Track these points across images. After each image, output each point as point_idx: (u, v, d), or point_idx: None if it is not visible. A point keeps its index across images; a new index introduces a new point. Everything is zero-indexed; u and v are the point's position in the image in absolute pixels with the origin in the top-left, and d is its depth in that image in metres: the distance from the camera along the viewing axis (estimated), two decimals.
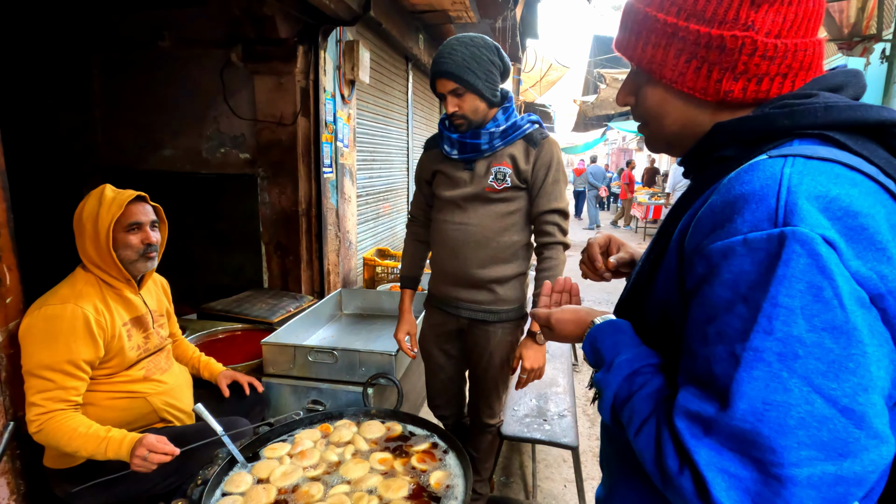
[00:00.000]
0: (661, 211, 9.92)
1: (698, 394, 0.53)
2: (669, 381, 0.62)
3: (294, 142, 2.91)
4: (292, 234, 3.04)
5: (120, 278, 1.49)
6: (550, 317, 0.81)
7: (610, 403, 0.66)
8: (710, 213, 0.56)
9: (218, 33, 2.87)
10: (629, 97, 0.73)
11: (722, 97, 0.62)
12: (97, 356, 1.41)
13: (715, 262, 0.53)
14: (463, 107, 1.53)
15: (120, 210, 1.44)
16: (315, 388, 1.89)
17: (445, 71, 1.49)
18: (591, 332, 0.73)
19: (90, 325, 1.38)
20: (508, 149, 1.59)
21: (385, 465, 1.34)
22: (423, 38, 4.82)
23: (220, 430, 1.41)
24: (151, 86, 3.08)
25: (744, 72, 0.60)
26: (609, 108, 8.73)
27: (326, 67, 2.98)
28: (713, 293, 0.53)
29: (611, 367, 0.66)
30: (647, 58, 0.66)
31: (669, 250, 0.64)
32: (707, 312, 0.54)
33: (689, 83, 0.63)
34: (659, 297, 0.66)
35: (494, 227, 1.61)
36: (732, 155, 0.62)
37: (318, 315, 2.46)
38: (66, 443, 1.31)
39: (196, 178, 3.13)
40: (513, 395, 2.14)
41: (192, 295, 2.97)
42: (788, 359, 0.48)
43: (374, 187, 4.27)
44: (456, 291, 1.68)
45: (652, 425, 0.58)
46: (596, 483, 2.29)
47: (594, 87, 11.00)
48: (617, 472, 0.78)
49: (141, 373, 1.52)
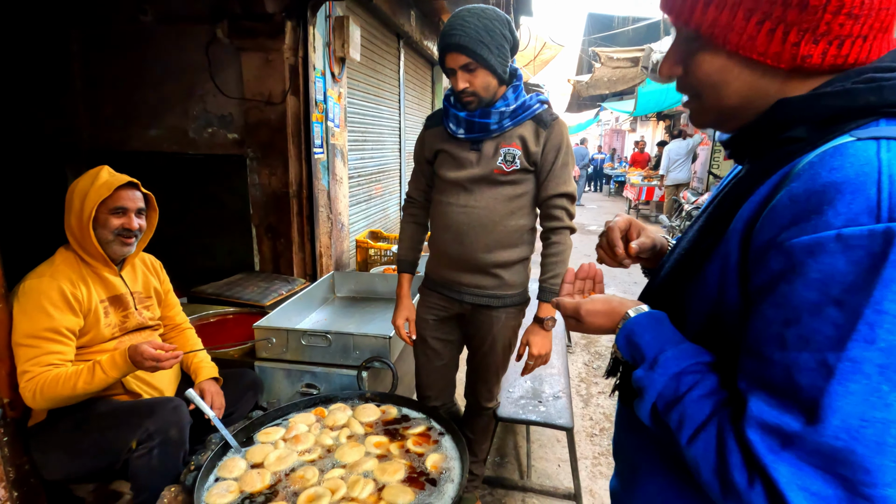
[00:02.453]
0: (653, 192, 9.92)
1: (776, 404, 0.49)
2: (722, 381, 0.58)
3: (283, 121, 2.83)
4: (283, 216, 2.99)
5: (97, 257, 1.50)
6: (580, 308, 0.74)
7: (651, 404, 0.61)
8: (789, 202, 0.50)
9: (202, 7, 2.76)
10: (676, 67, 0.65)
11: (798, 63, 0.55)
12: (78, 324, 1.43)
13: (798, 258, 0.48)
14: (474, 83, 1.45)
15: (108, 192, 1.46)
16: (308, 371, 1.87)
17: (458, 44, 1.40)
18: (628, 326, 0.67)
19: (66, 297, 1.41)
20: (518, 129, 1.52)
21: (381, 448, 1.34)
22: (414, 14, 4.70)
23: (211, 414, 1.39)
24: (134, 63, 2.97)
25: (826, 33, 0.53)
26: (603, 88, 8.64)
27: (316, 44, 2.89)
28: (795, 293, 0.48)
29: (654, 364, 0.61)
30: (709, 20, 0.58)
31: (727, 241, 0.58)
32: (786, 314, 0.49)
33: (759, 48, 0.56)
34: (709, 291, 0.61)
35: (501, 210, 1.55)
36: (803, 136, 0.56)
37: (311, 298, 2.43)
38: (62, 386, 1.33)
39: (183, 158, 3.05)
40: (507, 377, 2.14)
41: (181, 278, 2.90)
42: (891, 371, 0.44)
43: (366, 168, 4.21)
44: (458, 276, 1.63)
45: (711, 433, 0.54)
46: (589, 462, 2.32)
47: (588, 66, 10.86)
48: (643, 466, 0.74)
49: (112, 344, 1.52)
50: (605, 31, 9.67)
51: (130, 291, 1.59)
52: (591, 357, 3.52)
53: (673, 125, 11.82)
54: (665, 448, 0.68)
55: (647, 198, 10.12)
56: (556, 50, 9.02)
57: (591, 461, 2.33)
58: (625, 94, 10.41)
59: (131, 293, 1.59)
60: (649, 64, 6.01)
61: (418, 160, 1.72)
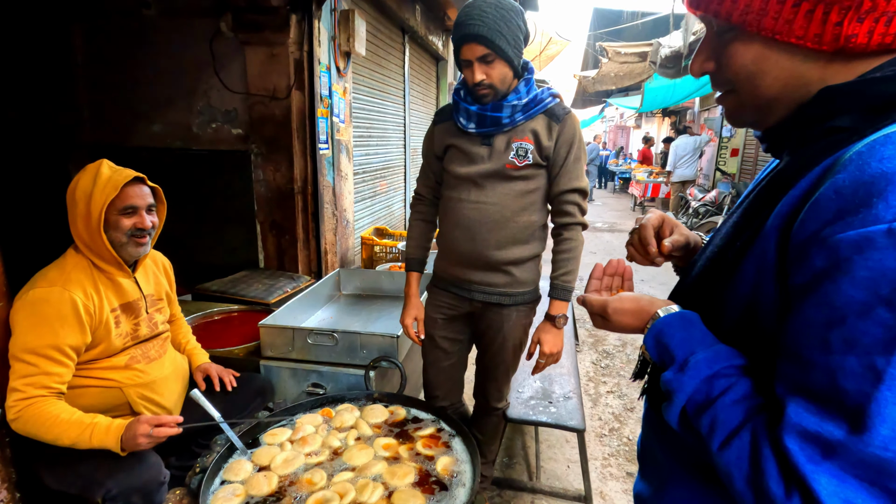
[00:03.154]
0: (659, 189, 9.85)
1: (818, 411, 0.46)
2: (756, 385, 0.55)
3: (288, 116, 2.80)
4: (288, 212, 2.95)
5: (111, 262, 1.42)
6: (607, 306, 0.71)
7: (681, 407, 0.58)
8: (834, 194, 0.47)
9: (206, 1, 2.73)
10: (708, 63, 0.62)
11: (842, 44, 0.51)
12: (83, 342, 1.34)
13: (844, 254, 0.45)
14: (491, 75, 1.41)
15: (115, 192, 1.36)
16: (315, 371, 1.84)
17: (477, 34, 1.35)
18: (657, 326, 0.64)
19: (78, 311, 1.32)
20: (530, 123, 1.49)
21: (390, 450, 1.30)
22: (419, 8, 4.65)
23: (217, 416, 1.36)
24: (137, 57, 2.94)
25: (871, 9, 0.49)
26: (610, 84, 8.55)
27: (321, 38, 2.85)
28: (840, 292, 0.45)
29: (685, 366, 0.58)
30: (741, 7, 0.55)
31: (764, 237, 0.55)
32: (829, 314, 0.46)
33: (797, 31, 0.52)
34: (745, 290, 0.57)
35: (513, 206, 1.51)
36: (849, 125, 0.53)
37: (317, 296, 2.40)
38: (46, 430, 1.25)
39: (187, 154, 3.02)
40: (517, 378, 2.10)
41: (185, 275, 2.89)
42: None
43: (371, 164, 4.17)
44: (469, 274, 1.59)
45: (745, 440, 0.51)
46: (598, 464, 2.28)
47: (594, 61, 10.76)
48: (672, 471, 0.71)
49: (123, 360, 1.45)
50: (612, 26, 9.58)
51: (143, 295, 1.53)
52: (598, 356, 3.48)
53: (679, 121, 11.72)
54: (695, 454, 0.65)
55: (652, 194, 10.04)
56: (561, 45, 8.94)
57: (601, 462, 2.29)
58: (630, 90, 10.32)
59: (144, 297, 1.53)
60: (657, 59, 5.94)
61: (427, 156, 1.68)
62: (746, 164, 8.17)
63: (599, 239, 7.78)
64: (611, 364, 3.35)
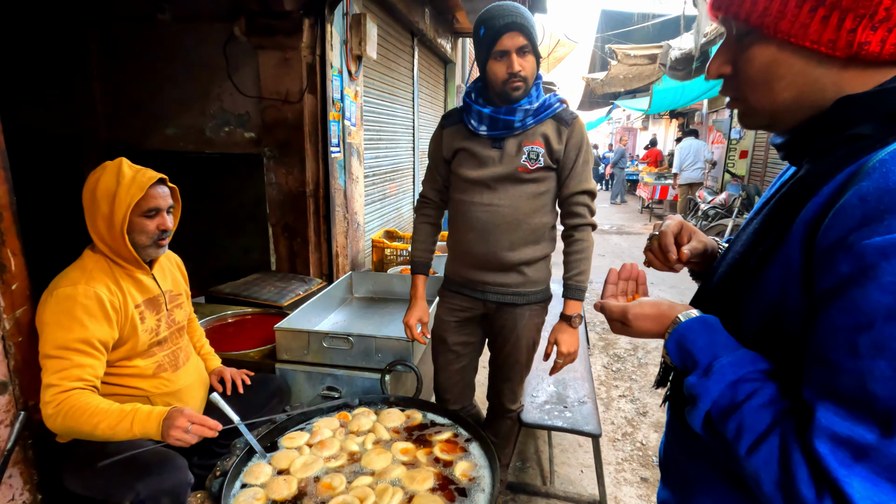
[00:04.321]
0: (667, 191, 9.80)
1: (848, 415, 0.47)
2: (782, 389, 0.55)
3: (301, 120, 2.81)
4: (300, 215, 2.97)
5: (130, 260, 1.43)
6: (627, 311, 0.71)
7: (706, 412, 0.58)
8: (858, 202, 0.48)
9: (220, 6, 2.75)
10: (725, 66, 0.63)
11: (855, 51, 0.52)
12: (112, 337, 1.35)
13: (870, 260, 0.46)
14: (526, 68, 1.45)
15: (141, 193, 1.35)
16: (330, 374, 1.85)
17: (519, 24, 1.39)
18: (679, 330, 0.65)
19: (104, 305, 1.32)
20: (540, 127, 1.52)
21: (408, 455, 1.30)
22: (428, 12, 4.66)
23: (236, 419, 1.36)
24: (151, 61, 2.97)
25: (885, 18, 0.50)
26: (619, 86, 8.52)
27: (333, 42, 2.87)
28: (867, 297, 0.46)
29: (709, 371, 0.59)
30: (759, 10, 0.56)
31: (788, 243, 0.56)
32: (856, 319, 0.47)
33: (812, 35, 0.53)
34: (769, 295, 0.58)
35: (526, 208, 1.54)
36: (870, 133, 0.54)
37: (329, 299, 2.41)
38: (86, 420, 1.22)
39: (200, 157, 3.04)
40: (530, 381, 2.10)
41: (198, 277, 2.91)
42: None
43: (381, 167, 4.18)
44: (483, 275, 1.61)
45: (774, 444, 0.52)
46: (612, 469, 2.27)
47: (601, 63, 10.74)
48: (698, 478, 0.71)
49: (152, 368, 1.45)
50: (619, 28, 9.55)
51: (163, 291, 1.53)
52: (609, 360, 3.47)
53: (687, 123, 11.67)
54: (722, 460, 0.65)
55: (660, 197, 10.00)
56: (569, 47, 8.93)
57: (615, 467, 2.28)
58: (637, 92, 10.29)
59: (163, 293, 1.54)
60: (667, 61, 5.92)
61: (434, 159, 1.70)
62: (756, 167, 8.11)
63: (608, 242, 7.75)
64: (622, 368, 3.34)
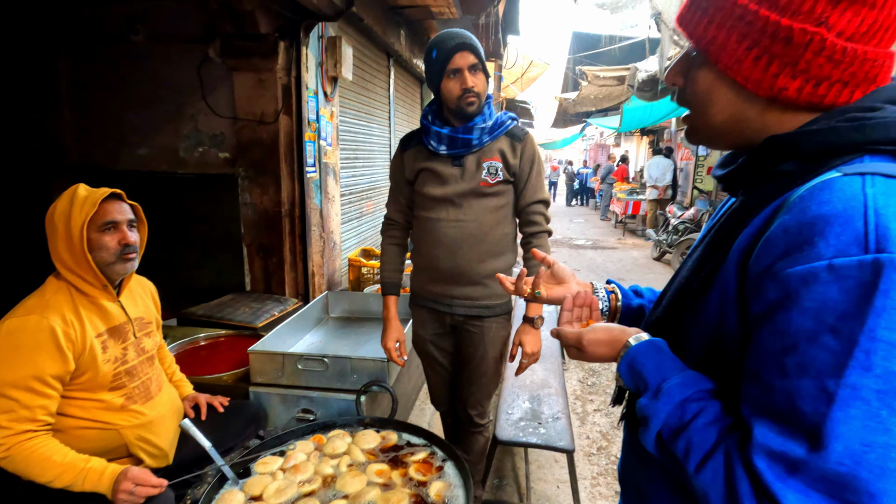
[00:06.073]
0: (639, 206, 10.06)
1: (781, 430, 0.50)
2: (725, 407, 0.59)
3: (276, 141, 2.82)
4: (275, 235, 2.96)
5: (96, 284, 1.38)
6: (582, 338, 0.74)
7: (657, 432, 0.61)
8: (782, 233, 0.52)
9: (195, 27, 2.76)
10: (678, 77, 0.68)
11: (775, 94, 0.58)
12: (66, 370, 1.29)
13: (793, 287, 0.50)
14: (478, 84, 1.55)
15: (94, 208, 1.33)
16: (305, 396, 1.84)
17: (470, 45, 1.51)
18: (630, 354, 0.68)
19: (57, 337, 1.26)
20: (496, 144, 1.61)
21: (383, 476, 1.31)
22: (404, 34, 4.75)
23: (207, 445, 1.35)
24: (124, 82, 2.95)
25: (804, 70, 0.56)
26: (590, 105, 8.79)
27: (308, 64, 2.90)
28: (791, 321, 0.50)
29: (658, 392, 0.62)
30: (709, 37, 0.61)
31: (725, 270, 0.60)
32: (783, 341, 0.50)
33: (744, 72, 0.59)
34: (710, 319, 0.62)
35: (490, 221, 1.62)
36: (793, 170, 0.58)
37: (305, 319, 2.40)
38: (39, 472, 1.21)
39: (173, 178, 3.01)
40: (505, 398, 2.13)
41: (171, 299, 2.86)
42: (889, 396, 0.45)
43: (358, 186, 4.20)
44: (450, 289, 1.67)
45: (719, 461, 0.54)
46: (588, 483, 2.30)
47: (573, 83, 11.06)
48: (653, 494, 0.74)
49: (119, 401, 1.41)
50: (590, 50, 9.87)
51: (130, 319, 1.50)
52: (585, 374, 3.52)
53: (657, 140, 12.05)
54: (674, 476, 0.69)
55: (633, 212, 10.25)
56: (542, 68, 9.18)
57: (590, 481, 2.31)
58: (609, 111, 10.62)
59: (131, 320, 1.50)
60: (635, 82, 6.14)
61: (397, 182, 1.75)
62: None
63: (583, 256, 7.89)
64: (597, 382, 3.39)
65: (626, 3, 7.18)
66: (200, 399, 1.68)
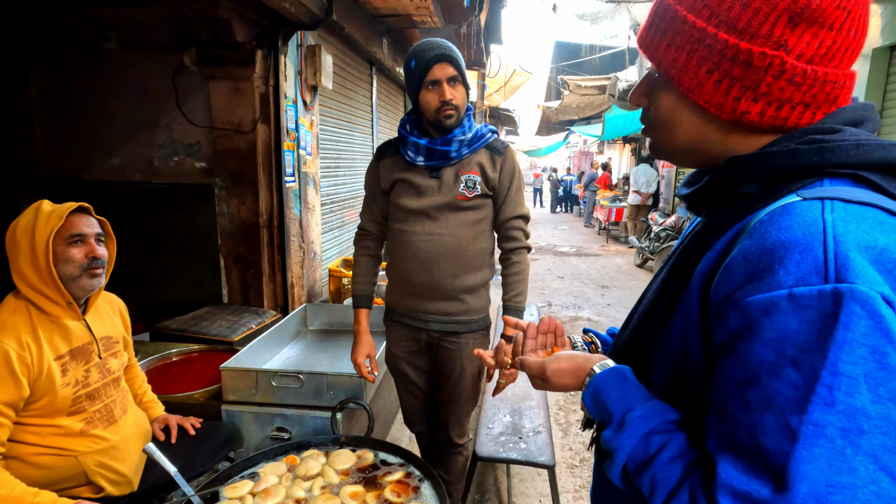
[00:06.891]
0: (622, 213, 10.17)
1: (745, 469, 0.48)
2: (691, 438, 0.57)
3: (254, 150, 2.78)
4: (253, 246, 2.90)
5: (60, 301, 1.32)
6: (545, 368, 0.72)
7: (622, 466, 0.59)
8: (742, 260, 0.51)
9: (169, 35, 2.71)
10: (642, 98, 0.67)
11: (737, 117, 0.57)
12: (20, 397, 1.23)
13: (754, 317, 0.48)
14: (457, 96, 1.51)
15: (60, 221, 1.28)
16: (279, 414, 1.79)
17: (449, 56, 1.47)
18: (593, 383, 0.65)
19: (11, 362, 1.20)
20: (475, 157, 1.58)
21: (357, 499, 1.26)
22: (386, 42, 4.74)
23: (173, 470, 1.29)
24: (96, 90, 2.88)
25: (766, 94, 0.55)
26: (572, 114, 8.88)
27: (287, 73, 2.87)
28: (752, 352, 0.48)
29: (622, 424, 0.60)
30: (668, 60, 0.60)
31: (688, 295, 0.58)
32: (745, 373, 0.49)
33: (706, 95, 0.58)
34: (674, 345, 0.60)
35: (466, 235, 1.58)
36: (754, 192, 0.57)
37: (283, 332, 2.35)
38: None
39: (147, 188, 2.94)
40: (486, 413, 2.10)
41: (145, 313, 2.79)
42: (853, 434, 0.44)
43: (339, 194, 4.16)
44: (425, 304, 1.62)
45: (684, 499, 0.52)
46: (570, 496, 2.28)
47: (556, 92, 11.18)
48: None
49: (79, 426, 1.35)
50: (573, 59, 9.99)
51: (96, 338, 1.43)
52: None
53: (639, 147, 12.22)
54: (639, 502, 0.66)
55: (616, 219, 10.35)
56: (525, 77, 9.25)
57: (573, 494, 2.29)
58: (592, 119, 10.75)
59: (96, 340, 1.43)
60: (616, 91, 6.22)
61: (372, 191, 1.71)
62: None
63: (567, 263, 7.93)
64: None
65: (605, 14, 7.29)
66: (171, 421, 1.61)
